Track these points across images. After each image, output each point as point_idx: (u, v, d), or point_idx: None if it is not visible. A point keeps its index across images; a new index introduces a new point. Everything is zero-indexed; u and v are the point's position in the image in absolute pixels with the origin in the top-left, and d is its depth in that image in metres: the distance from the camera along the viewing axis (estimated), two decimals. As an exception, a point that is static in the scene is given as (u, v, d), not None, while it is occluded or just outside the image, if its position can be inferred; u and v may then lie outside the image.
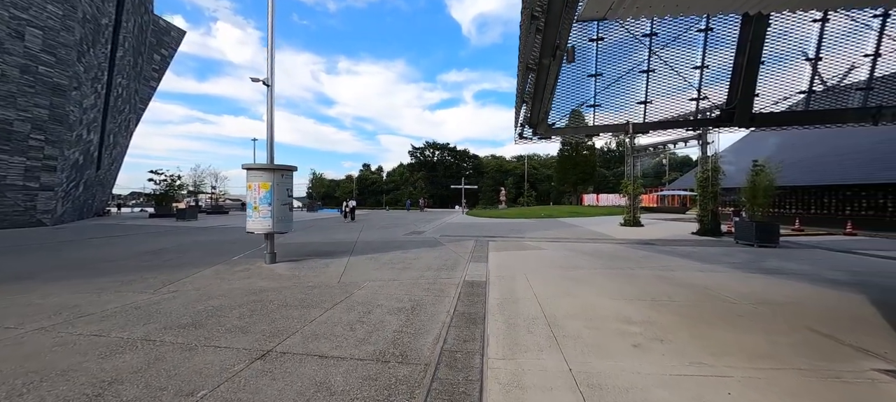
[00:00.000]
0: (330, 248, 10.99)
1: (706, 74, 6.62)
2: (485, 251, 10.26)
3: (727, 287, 6.19)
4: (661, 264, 8.42)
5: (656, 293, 5.72)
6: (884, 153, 17.87)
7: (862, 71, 6.50)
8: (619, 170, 70.74)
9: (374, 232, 16.12)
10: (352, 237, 13.80)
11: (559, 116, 7.15)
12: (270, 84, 8.19)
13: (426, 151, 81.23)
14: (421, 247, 11.16)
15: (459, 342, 3.83)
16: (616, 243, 12.51)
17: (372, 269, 7.77)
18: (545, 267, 7.94)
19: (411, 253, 9.95)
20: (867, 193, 17.87)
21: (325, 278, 6.82)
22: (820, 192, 19.97)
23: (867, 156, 18.48)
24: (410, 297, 5.59)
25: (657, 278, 6.91)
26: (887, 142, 18.22)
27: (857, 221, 17.23)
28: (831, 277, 7.17)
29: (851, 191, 18.50)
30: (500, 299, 5.42)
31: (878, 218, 17.31)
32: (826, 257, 9.87)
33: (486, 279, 6.78)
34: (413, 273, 7.33)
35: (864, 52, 6.38)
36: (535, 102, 6.00)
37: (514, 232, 16.02)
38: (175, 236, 14.20)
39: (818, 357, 3.44)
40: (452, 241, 12.77)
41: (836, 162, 19.89)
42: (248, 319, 4.51)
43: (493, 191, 65.99)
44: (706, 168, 15.56)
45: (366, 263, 8.49)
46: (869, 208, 17.85)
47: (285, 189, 8.16)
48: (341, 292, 5.87)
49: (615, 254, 9.87)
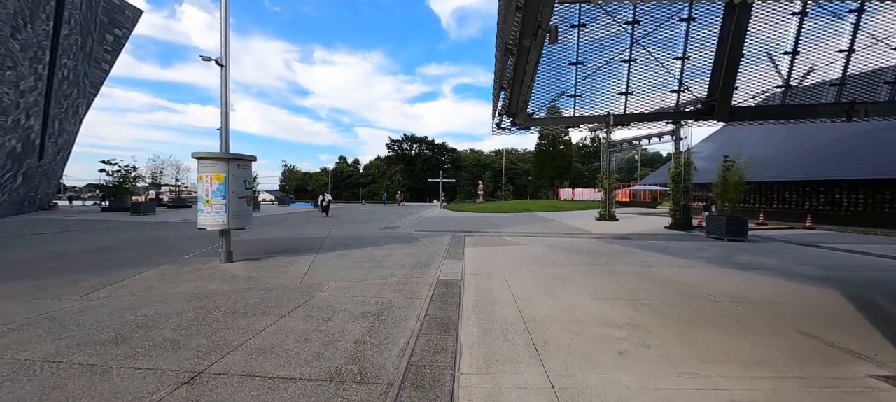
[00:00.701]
0: (296, 244, 10.27)
1: (687, 67, 6.39)
2: (461, 247, 9.87)
3: (705, 284, 6.05)
4: (638, 259, 8.30)
5: (637, 292, 5.49)
6: (841, 151, 18.80)
7: (836, 67, 6.43)
8: (594, 165, 72.42)
9: (346, 227, 15.41)
10: (322, 233, 13.07)
11: (539, 107, 6.79)
12: (224, 64, 7.39)
13: (404, 144, 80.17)
14: (394, 243, 10.63)
15: (429, 354, 3.39)
16: (593, 237, 12.45)
17: (339, 268, 7.20)
18: (523, 264, 7.63)
19: (383, 250, 9.41)
20: (825, 189, 18.78)
21: (285, 279, 6.20)
22: (782, 187, 20.86)
23: (826, 153, 19.40)
24: (378, 299, 5.09)
25: (637, 274, 6.73)
26: (844, 140, 19.18)
27: (815, 215, 18.07)
28: (802, 271, 7.23)
29: (810, 187, 19.40)
30: (475, 301, 5.02)
31: (834, 213, 18.23)
32: (792, 251, 10.11)
33: (461, 278, 6.37)
34: (384, 272, 6.82)
35: (839, 47, 6.30)
36: (515, 89, 5.59)
37: (491, 227, 15.74)
38: (125, 232, 13.00)
39: (811, 362, 3.24)
40: (428, 236, 12.32)
41: (797, 159, 20.79)
42: (185, 331, 3.88)
43: (471, 185, 65.94)
44: (679, 163, 15.80)
45: (333, 261, 7.89)
46: (826, 203, 18.77)
47: (242, 181, 7.42)
48: (301, 295, 5.30)
49: (593, 249, 9.72)
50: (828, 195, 18.72)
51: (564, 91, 6.54)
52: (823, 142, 20.18)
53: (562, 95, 6.59)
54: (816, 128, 21.42)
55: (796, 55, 6.32)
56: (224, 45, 7.46)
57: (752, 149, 22.04)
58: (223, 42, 7.44)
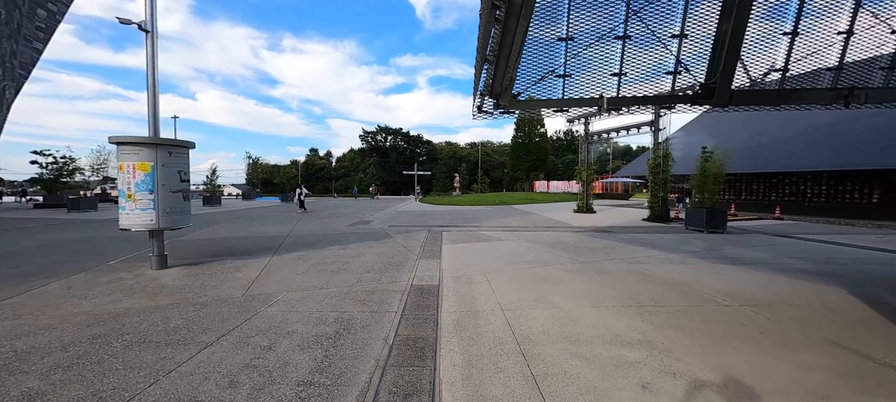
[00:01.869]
0: (252, 244, 9.08)
1: (685, 48, 5.76)
2: (438, 245, 9.03)
3: (706, 284, 5.53)
4: (627, 255, 7.77)
5: (639, 296, 4.86)
6: (805, 144, 19.36)
7: (834, 52, 6.01)
8: (568, 158, 73.47)
9: (313, 223, 14.20)
10: (284, 230, 11.85)
11: (526, 87, 6.00)
12: (151, 29, 6.10)
13: (378, 135, 78.09)
14: (365, 241, 9.64)
15: (398, 399, 2.53)
16: (575, 231, 11.96)
17: (297, 273, 6.17)
18: (507, 263, 6.89)
19: (351, 249, 8.42)
20: (790, 180, 19.34)
21: (226, 290, 5.13)
22: (750, 179, 21.38)
23: (791, 146, 19.94)
24: (339, 315, 4.17)
25: (631, 273, 6.14)
26: (808, 132, 19.77)
27: (782, 206, 18.56)
28: (796, 266, 6.91)
29: (777, 178, 19.94)
30: (456, 314, 4.20)
31: (799, 204, 18.80)
32: (773, 242, 9.98)
33: (438, 283, 5.53)
34: (349, 277, 5.87)
35: (838, 29, 5.87)
36: (500, 63, 4.77)
37: (469, 221, 15.00)
38: (51, 233, 11.23)
39: (873, 390, 2.64)
40: (402, 232, 11.39)
41: (764, 152, 21.32)
42: (60, 375, 2.82)
43: (447, 178, 65.19)
44: (658, 155, 15.64)
45: (291, 264, 6.84)
46: (791, 194, 19.35)
47: (176, 171, 6.20)
48: (242, 312, 4.28)
49: (578, 244, 9.15)
50: (793, 186, 19.30)
51: (553, 69, 5.76)
52: (789, 135, 20.78)
53: (551, 73, 5.80)
54: (782, 121, 22.09)
55: (796, 37, 5.80)
56: (150, 8, 6.15)
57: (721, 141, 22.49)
58: (148, 4, 6.13)
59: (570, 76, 6.33)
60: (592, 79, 6.43)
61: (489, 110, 6.46)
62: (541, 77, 6.10)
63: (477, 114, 6.59)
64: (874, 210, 16.43)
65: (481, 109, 6.46)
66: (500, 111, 6.45)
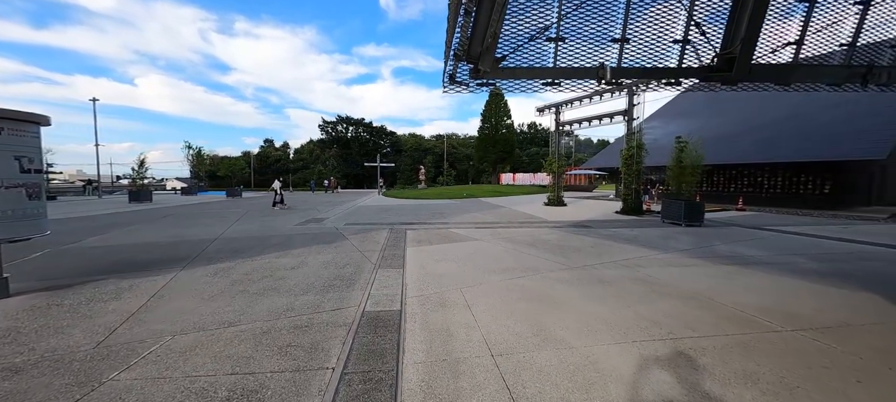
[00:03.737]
0: (160, 254, 7.11)
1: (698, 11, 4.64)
2: (401, 247, 7.57)
3: (728, 295, 4.55)
4: (619, 256, 6.77)
5: (662, 320, 3.73)
6: (762, 137, 19.85)
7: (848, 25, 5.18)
8: (532, 150, 74.07)
9: (254, 222, 12.15)
10: (213, 232, 9.81)
11: (509, 51, 4.66)
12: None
13: (339, 126, 74.34)
14: (311, 245, 7.96)
15: None
16: (552, 227, 10.97)
17: (203, 298, 4.47)
18: (486, 272, 5.59)
19: (292, 256, 6.75)
20: (748, 171, 19.79)
21: (74, 337, 3.38)
22: (711, 170, 21.74)
23: (748, 138, 20.42)
24: (238, 383, 2.63)
25: (635, 282, 5.06)
26: (772, 125, 20.31)
27: (732, 197, 18.93)
28: (801, 265, 6.21)
29: (736, 170, 20.38)
30: (426, 368, 2.81)
31: (757, 195, 19.29)
32: (754, 236, 9.52)
33: (401, 307, 4.11)
34: (277, 302, 4.29)
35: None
36: (482, 12, 3.35)
37: (437, 216, 13.63)
38: None
39: None
40: (360, 232, 9.79)
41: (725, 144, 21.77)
42: None
43: (411, 170, 63.35)
44: (631, 145, 15.09)
45: (202, 283, 5.10)
46: (750, 185, 19.83)
47: (12, 157, 4.24)
48: (75, 383, 2.62)
49: (562, 244, 8.08)
50: (751, 178, 19.78)
51: (547, 26, 4.45)
52: (747, 128, 21.32)
53: (541, 34, 4.49)
54: (742, 115, 22.70)
55: (815, 3, 4.90)
56: None
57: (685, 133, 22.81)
58: None
59: (563, 41, 5.08)
60: (590, 46, 5.23)
61: (464, 80, 5.06)
62: (530, 38, 4.78)
63: (448, 86, 5.17)
64: (825, 200, 17.08)
65: (454, 78, 5.04)
66: (478, 82, 5.08)
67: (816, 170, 17.37)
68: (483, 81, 5.05)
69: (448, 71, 4.93)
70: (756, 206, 18.36)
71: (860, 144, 15.50)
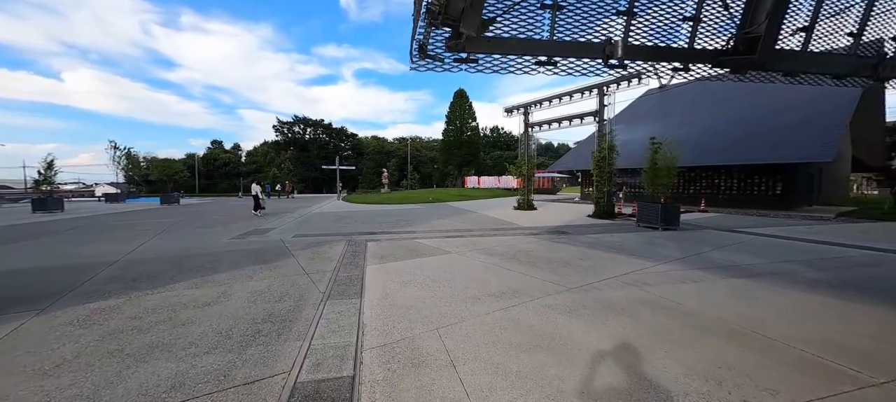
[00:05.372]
0: (21, 286, 5.21)
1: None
2: (360, 266, 6.20)
3: (766, 324, 3.72)
4: (616, 271, 5.89)
5: (721, 373, 2.75)
6: (716, 140, 20.50)
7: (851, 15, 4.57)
8: (496, 154, 74.43)
9: (182, 235, 10.13)
10: (118, 251, 7.82)
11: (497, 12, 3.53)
12: None
13: (296, 127, 70.20)
14: (245, 265, 6.36)
15: None
16: (529, 234, 10.06)
17: (38, 371, 2.89)
18: (467, 299, 4.42)
19: (212, 285, 5.16)
20: (706, 173, 20.35)
21: None
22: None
23: (705, 140, 21.04)
24: None
25: (652, 309, 4.13)
26: (723, 129, 20.99)
27: (698, 198, 19.37)
28: (806, 274, 5.66)
29: (695, 172, 20.90)
30: None
31: (714, 196, 19.85)
32: (735, 240, 9.17)
33: (354, 370, 2.82)
34: (160, 371, 2.82)
35: None
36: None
37: (402, 224, 12.30)
38: None
39: None
40: (311, 245, 8.25)
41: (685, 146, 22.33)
42: None
43: (374, 173, 61.08)
44: (603, 147, 14.69)
45: (53, 339, 3.46)
46: (707, 187, 20.39)
47: None
48: None
49: (547, 256, 7.10)
50: (709, 180, 20.35)
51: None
52: (698, 132, 22.00)
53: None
54: (690, 120, 23.49)
55: None
56: None
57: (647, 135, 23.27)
58: None
59: (561, 9, 4.05)
60: (591, 20, 4.24)
61: (437, 52, 3.87)
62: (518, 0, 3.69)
63: (417, 61, 3.95)
64: (778, 201, 17.83)
65: (426, 51, 3.83)
66: (456, 58, 3.92)
67: (768, 172, 18.10)
68: (462, 57, 3.89)
69: (418, 38, 3.72)
70: (715, 207, 18.83)
71: (809, 148, 16.21)
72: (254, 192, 17.01)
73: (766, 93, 22.57)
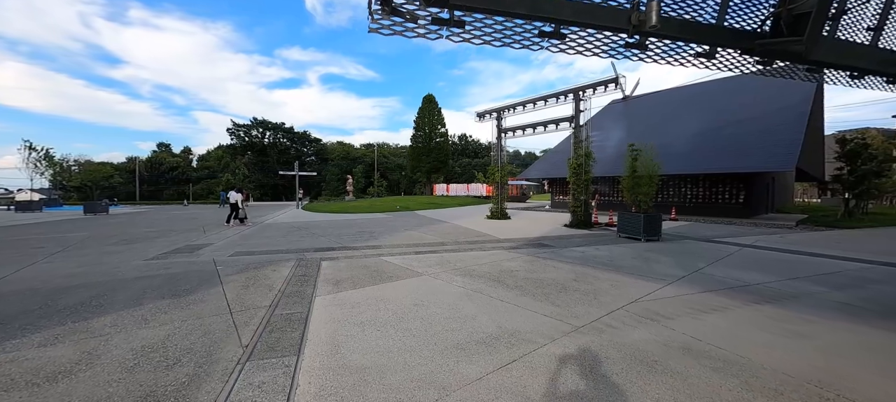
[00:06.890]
0: None
1: None
2: (307, 298, 4.82)
3: (838, 380, 2.84)
4: (621, 297, 4.94)
5: None
6: (686, 150, 20.82)
7: None
8: (464, 161, 74.03)
9: (87, 254, 8.13)
10: (-16, 279, 5.87)
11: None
12: None
13: (254, 130, 65.96)
14: (148, 300, 4.77)
15: None
16: (508, 248, 9.04)
17: None
18: (448, 351, 3.22)
19: (79, 339, 3.60)
20: (674, 182, 20.57)
21: None
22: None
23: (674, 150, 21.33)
24: None
25: (693, 359, 3.14)
26: (686, 139, 21.37)
27: (667, 206, 19.48)
28: (823, 295, 5.00)
29: (662, 180, 21.07)
30: None
31: (682, 204, 20.05)
32: (723, 252, 8.67)
33: None
34: None
35: None
36: None
37: (365, 236, 10.89)
38: None
39: None
40: (249, 267, 6.70)
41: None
42: None
43: (339, 180, 58.46)
44: (579, 154, 14.11)
45: None
46: (675, 195, 20.60)
47: None
48: None
49: (536, 278, 6.05)
50: (676, 188, 20.58)
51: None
52: (667, 140, 22.38)
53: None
54: (664, 127, 23.90)
55: None
56: None
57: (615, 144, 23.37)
58: None
59: (573, -37, 3.01)
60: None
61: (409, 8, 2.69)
62: None
63: (379, 17, 2.74)
64: (741, 209, 18.21)
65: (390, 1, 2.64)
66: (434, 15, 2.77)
67: (732, 181, 18.49)
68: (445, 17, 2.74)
69: (379, -19, 2.52)
70: (683, 215, 18.96)
71: (773, 157, 16.58)
72: (233, 200, 14.82)
73: (728, 101, 23.46)
